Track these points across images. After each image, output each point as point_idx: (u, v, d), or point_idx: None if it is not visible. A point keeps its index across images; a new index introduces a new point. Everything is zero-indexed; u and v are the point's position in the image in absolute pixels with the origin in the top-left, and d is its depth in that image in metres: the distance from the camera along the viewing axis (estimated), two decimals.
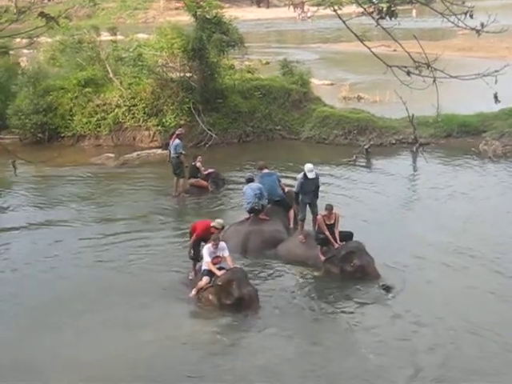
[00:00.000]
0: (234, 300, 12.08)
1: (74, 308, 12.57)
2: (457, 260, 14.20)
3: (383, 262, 13.76)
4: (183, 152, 19.11)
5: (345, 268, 13.50)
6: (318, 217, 14.05)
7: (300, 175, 14.89)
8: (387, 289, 12.80)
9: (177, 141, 19.01)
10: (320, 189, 15.37)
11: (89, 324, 11.94)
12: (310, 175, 14.60)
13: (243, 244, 14.81)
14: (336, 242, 13.78)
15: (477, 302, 12.42)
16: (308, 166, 14.73)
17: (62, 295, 13.16)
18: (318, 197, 15.19)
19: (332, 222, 13.83)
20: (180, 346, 11.25)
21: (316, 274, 13.79)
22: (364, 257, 13.50)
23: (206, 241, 12.96)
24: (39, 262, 14.96)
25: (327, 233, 13.72)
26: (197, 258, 13.34)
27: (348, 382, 10.09)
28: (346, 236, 14.01)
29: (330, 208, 13.85)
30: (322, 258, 13.85)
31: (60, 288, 13.54)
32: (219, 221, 13.65)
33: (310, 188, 14.82)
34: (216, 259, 12.69)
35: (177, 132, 19.56)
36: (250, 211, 15.49)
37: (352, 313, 12.24)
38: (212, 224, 13.37)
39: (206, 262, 12.64)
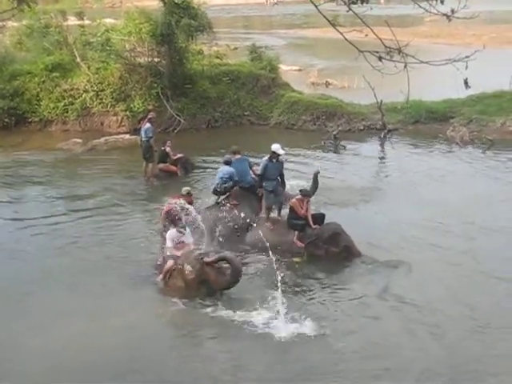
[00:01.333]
0: (195, 272, 11.92)
1: (38, 292, 12.32)
2: (441, 239, 14.30)
3: (367, 242, 13.85)
4: (152, 136, 19.07)
5: (330, 249, 13.52)
6: (293, 200, 13.90)
7: (265, 158, 14.89)
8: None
9: (147, 125, 19.01)
10: (288, 174, 15.38)
11: (52, 309, 11.60)
12: (281, 151, 14.63)
13: (212, 230, 14.63)
14: (310, 226, 13.79)
15: (466, 282, 12.46)
16: (275, 145, 14.73)
17: (24, 277, 12.89)
18: (284, 185, 15.22)
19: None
20: (144, 335, 10.85)
21: (296, 259, 13.50)
22: (347, 237, 13.56)
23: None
24: None
25: (304, 212, 13.67)
26: None
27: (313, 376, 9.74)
28: (319, 218, 14.02)
29: (307, 194, 13.82)
30: (299, 243, 13.75)
31: (21, 270, 13.24)
32: (185, 188, 14.15)
33: (273, 173, 14.72)
34: (181, 244, 12.75)
35: (148, 116, 19.55)
36: (213, 192, 15.45)
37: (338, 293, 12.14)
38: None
39: (168, 248, 12.73)
